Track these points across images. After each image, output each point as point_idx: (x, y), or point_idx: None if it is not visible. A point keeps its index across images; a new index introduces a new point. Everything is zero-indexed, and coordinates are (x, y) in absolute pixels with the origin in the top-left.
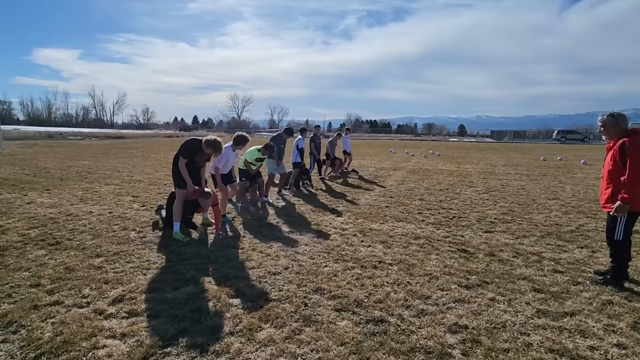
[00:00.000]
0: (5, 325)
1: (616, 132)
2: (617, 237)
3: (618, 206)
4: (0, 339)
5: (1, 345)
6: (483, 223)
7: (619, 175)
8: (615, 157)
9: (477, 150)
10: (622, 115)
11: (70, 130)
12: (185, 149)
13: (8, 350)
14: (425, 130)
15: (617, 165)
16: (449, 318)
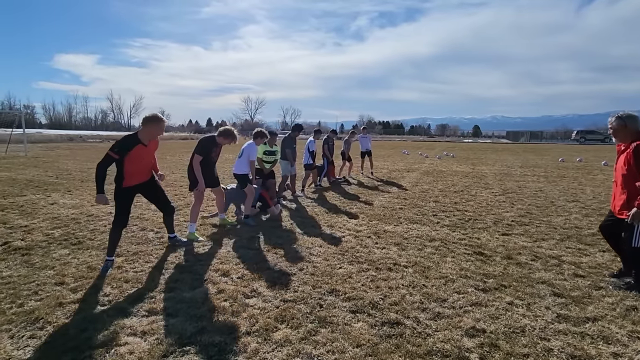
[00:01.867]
0: (32, 321)
1: (626, 134)
2: (635, 244)
3: (635, 213)
4: (28, 334)
5: (29, 341)
6: (500, 225)
7: (635, 180)
8: (630, 161)
9: (492, 152)
10: (631, 117)
11: (90, 134)
12: (199, 147)
13: (35, 346)
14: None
15: (632, 169)
16: (466, 321)
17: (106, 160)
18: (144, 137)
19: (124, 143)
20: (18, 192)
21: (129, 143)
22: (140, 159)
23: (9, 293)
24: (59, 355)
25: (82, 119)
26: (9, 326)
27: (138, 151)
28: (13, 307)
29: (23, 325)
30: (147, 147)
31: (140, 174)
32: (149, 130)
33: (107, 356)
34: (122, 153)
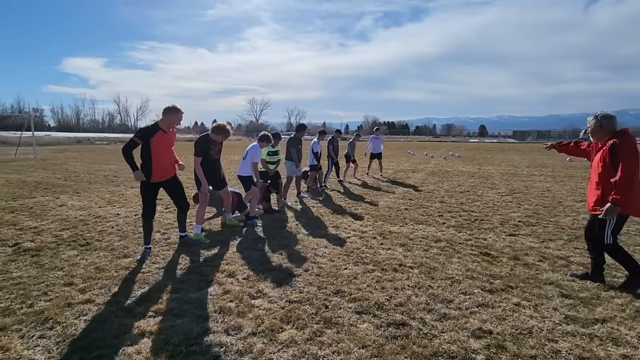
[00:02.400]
0: (42, 321)
1: (603, 134)
2: (607, 242)
3: (608, 208)
4: (38, 334)
5: (39, 341)
6: (506, 226)
7: (609, 177)
8: (605, 159)
9: (499, 151)
10: (606, 117)
11: (97, 136)
12: (196, 148)
13: (45, 346)
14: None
15: (607, 166)
16: (473, 323)
17: (130, 143)
18: (163, 125)
19: (146, 129)
20: (27, 194)
21: (151, 129)
22: (163, 145)
23: (19, 293)
24: (68, 355)
25: (89, 122)
26: (20, 326)
27: (160, 136)
28: (23, 308)
29: (33, 325)
30: (167, 134)
31: (166, 169)
32: (168, 119)
33: (115, 356)
34: (145, 138)
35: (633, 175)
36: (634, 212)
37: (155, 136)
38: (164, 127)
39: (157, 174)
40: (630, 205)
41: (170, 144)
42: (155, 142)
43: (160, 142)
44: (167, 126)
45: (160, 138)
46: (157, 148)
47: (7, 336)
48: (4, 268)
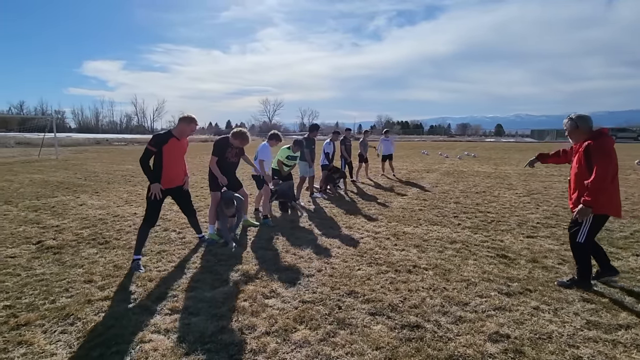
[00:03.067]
0: (63, 317)
1: (579, 135)
2: (579, 239)
3: (580, 210)
4: (60, 329)
5: (61, 336)
6: (524, 227)
7: (584, 179)
8: (581, 160)
9: (516, 151)
10: (582, 118)
11: (115, 137)
12: (214, 148)
13: (66, 341)
14: (460, 130)
15: (582, 168)
16: (489, 326)
17: (146, 154)
18: (177, 133)
19: (160, 137)
20: (50, 194)
21: (164, 137)
22: (175, 152)
23: (42, 290)
24: (88, 350)
25: (108, 123)
26: (43, 321)
27: (173, 144)
28: (46, 303)
29: (55, 321)
30: (180, 141)
31: (176, 176)
32: (182, 127)
33: (132, 352)
34: (159, 146)
35: (605, 177)
36: (612, 212)
37: (168, 144)
38: (177, 135)
39: (167, 180)
40: (608, 205)
41: (182, 152)
42: (168, 150)
43: (172, 150)
44: (179, 134)
45: (173, 145)
46: (169, 155)
47: (31, 331)
48: (28, 265)
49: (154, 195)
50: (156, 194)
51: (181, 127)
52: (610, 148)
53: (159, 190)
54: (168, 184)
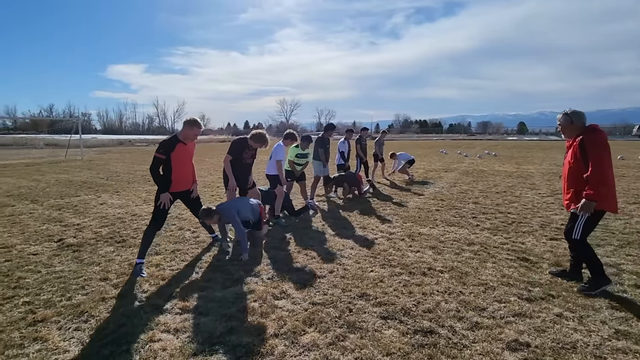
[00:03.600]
0: (78, 314)
1: (573, 130)
2: (574, 236)
3: (583, 204)
4: (74, 327)
5: (74, 333)
6: (547, 229)
7: (581, 174)
8: (576, 155)
9: (539, 150)
10: (576, 113)
11: (137, 138)
12: (230, 147)
13: (79, 338)
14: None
15: (578, 163)
16: (508, 333)
17: (155, 162)
18: (182, 137)
19: (167, 143)
20: (73, 193)
21: (171, 143)
22: (182, 157)
23: (60, 287)
24: (100, 348)
25: (131, 124)
26: (58, 318)
27: (180, 149)
28: (62, 300)
29: (70, 318)
30: (186, 145)
31: (184, 180)
32: (185, 132)
33: (142, 351)
34: (167, 152)
35: (604, 170)
36: (608, 207)
37: (175, 150)
38: (183, 139)
39: (176, 184)
40: (605, 200)
41: (190, 155)
42: (176, 155)
43: (180, 155)
44: (184, 138)
45: (180, 150)
46: (176, 160)
47: (47, 327)
48: (48, 262)
49: (163, 203)
50: (165, 203)
51: (185, 131)
52: (604, 142)
53: (168, 200)
54: (177, 187)
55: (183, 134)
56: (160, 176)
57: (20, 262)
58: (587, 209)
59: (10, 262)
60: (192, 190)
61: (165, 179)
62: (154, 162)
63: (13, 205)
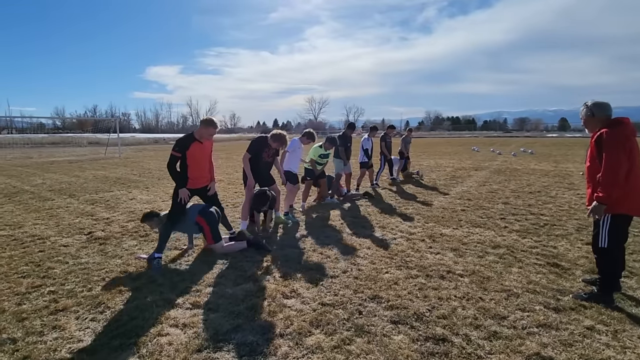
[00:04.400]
0: (96, 305)
1: (595, 124)
2: (601, 244)
3: (594, 207)
4: (90, 317)
5: (90, 323)
6: (584, 233)
7: (597, 173)
8: (593, 152)
9: (582, 147)
10: (598, 105)
11: (172, 136)
12: (251, 146)
13: (94, 328)
14: (517, 125)
15: (594, 160)
16: (529, 345)
17: (172, 159)
18: (198, 136)
19: (182, 142)
20: (107, 188)
21: (187, 141)
22: (198, 155)
23: (83, 278)
24: (110, 339)
25: (166, 124)
26: (77, 308)
27: (195, 147)
28: (84, 291)
29: (88, 309)
30: (202, 144)
31: (201, 177)
32: (201, 131)
33: (149, 345)
34: (183, 150)
35: (616, 168)
36: (631, 210)
37: (190, 148)
38: (198, 138)
39: (193, 181)
40: (624, 203)
41: (206, 153)
42: (191, 154)
43: (195, 153)
44: (200, 137)
45: (196, 148)
46: (192, 159)
47: (66, 317)
48: (76, 254)
49: (177, 194)
50: (183, 198)
51: (200, 130)
52: (625, 137)
53: (186, 195)
54: (193, 184)
55: (199, 133)
56: (177, 173)
57: (51, 253)
58: (597, 212)
59: (42, 252)
60: (210, 187)
61: (182, 176)
62: (170, 160)
63: (53, 199)
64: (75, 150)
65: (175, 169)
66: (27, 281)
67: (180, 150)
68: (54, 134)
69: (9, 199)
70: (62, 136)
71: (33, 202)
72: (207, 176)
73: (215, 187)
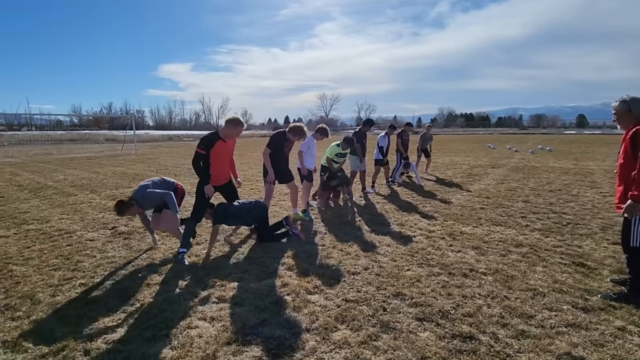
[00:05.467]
0: (125, 298)
1: (629, 120)
2: (633, 244)
3: (628, 205)
4: (121, 309)
5: (121, 315)
6: (610, 232)
7: (630, 170)
8: (627, 149)
9: (602, 144)
10: (635, 100)
11: (185, 133)
12: (270, 140)
13: (125, 320)
14: (533, 122)
15: (628, 158)
16: (559, 345)
17: (197, 156)
18: (223, 135)
19: (207, 139)
20: (127, 184)
21: (212, 139)
22: (221, 153)
23: (111, 271)
24: (142, 330)
25: (179, 121)
26: (108, 300)
27: (219, 146)
28: (113, 284)
29: (118, 301)
30: (226, 143)
31: (222, 175)
32: (228, 131)
33: (180, 337)
34: (207, 148)
35: None
36: None
37: (214, 147)
38: (224, 137)
39: (214, 178)
40: None
41: (229, 152)
42: (215, 152)
43: (219, 151)
44: (226, 137)
45: (220, 147)
46: (215, 157)
47: (98, 308)
48: (103, 248)
49: (207, 195)
50: (208, 195)
51: (228, 130)
52: None
53: (212, 192)
54: (215, 181)
55: (225, 132)
56: (202, 169)
57: (79, 247)
58: (631, 212)
59: (70, 246)
60: (237, 182)
61: (206, 176)
62: (195, 157)
63: (76, 195)
64: (92, 147)
65: (200, 166)
66: (59, 274)
67: (205, 148)
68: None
69: (34, 194)
70: (80, 133)
71: (57, 198)
72: (228, 173)
73: (237, 183)
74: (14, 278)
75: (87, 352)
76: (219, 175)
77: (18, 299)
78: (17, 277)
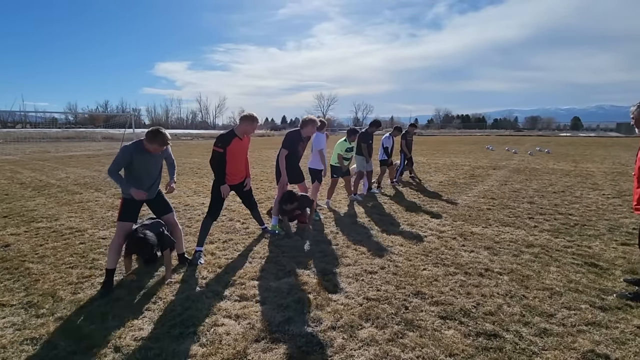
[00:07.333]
0: (147, 296)
1: None
2: None
3: None
4: (145, 306)
5: (145, 312)
6: (617, 233)
7: None
8: None
9: (599, 147)
10: None
11: (182, 132)
12: (286, 141)
13: (150, 317)
14: (529, 124)
15: None
16: (582, 343)
17: (214, 155)
18: (239, 132)
19: (224, 138)
20: None
21: (228, 137)
22: (237, 151)
23: (133, 271)
24: (169, 328)
25: (176, 119)
26: (130, 297)
27: (236, 144)
28: (132, 282)
29: (140, 298)
30: (242, 140)
31: (238, 173)
32: (244, 127)
33: (208, 334)
34: (225, 146)
35: None
36: None
37: (231, 144)
38: (239, 134)
39: (230, 177)
40: None
41: (245, 150)
42: (231, 150)
43: (235, 149)
44: (242, 133)
45: (236, 145)
46: (231, 155)
47: (121, 305)
48: None
49: (224, 195)
50: (225, 194)
51: (244, 126)
52: None
53: (228, 192)
54: (231, 180)
55: (241, 129)
56: (220, 168)
57: (92, 245)
58: None
59: (84, 244)
60: (245, 183)
61: (223, 175)
62: (213, 156)
63: (81, 193)
64: (90, 145)
65: (218, 165)
66: (77, 272)
67: (222, 146)
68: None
69: (38, 192)
70: (77, 131)
71: (62, 196)
72: (244, 172)
73: (250, 183)
74: (32, 276)
75: (118, 349)
76: (234, 174)
77: (40, 297)
78: (35, 274)
